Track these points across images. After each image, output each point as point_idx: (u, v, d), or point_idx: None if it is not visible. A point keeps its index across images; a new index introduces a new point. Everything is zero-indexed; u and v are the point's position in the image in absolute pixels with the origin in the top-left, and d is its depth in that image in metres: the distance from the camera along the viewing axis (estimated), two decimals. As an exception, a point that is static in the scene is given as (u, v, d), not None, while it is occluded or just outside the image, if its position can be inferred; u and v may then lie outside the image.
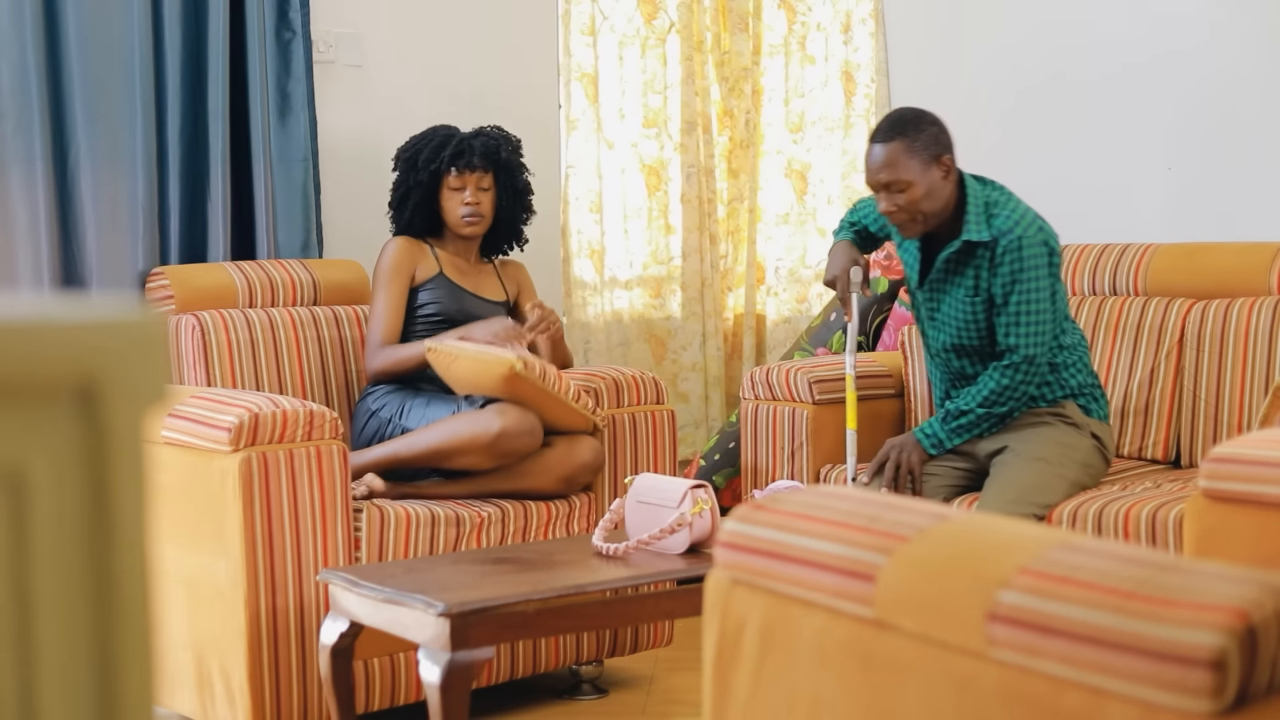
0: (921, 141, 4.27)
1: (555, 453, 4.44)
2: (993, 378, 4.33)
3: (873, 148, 4.31)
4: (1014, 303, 4.27)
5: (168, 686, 4.06)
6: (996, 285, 4.29)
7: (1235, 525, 2.86)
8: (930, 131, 4.30)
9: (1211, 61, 5.23)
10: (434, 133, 4.91)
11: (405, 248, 4.84)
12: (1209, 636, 1.53)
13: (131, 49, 4.85)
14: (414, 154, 4.87)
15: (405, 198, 4.89)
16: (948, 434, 4.37)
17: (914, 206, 4.26)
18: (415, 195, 4.86)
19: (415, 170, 4.85)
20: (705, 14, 6.43)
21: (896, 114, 4.38)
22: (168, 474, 3.94)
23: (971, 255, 4.34)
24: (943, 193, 4.29)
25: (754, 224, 6.55)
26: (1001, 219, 4.29)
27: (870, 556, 1.89)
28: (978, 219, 4.31)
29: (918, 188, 4.24)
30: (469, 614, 3.33)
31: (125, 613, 0.99)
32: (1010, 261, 4.25)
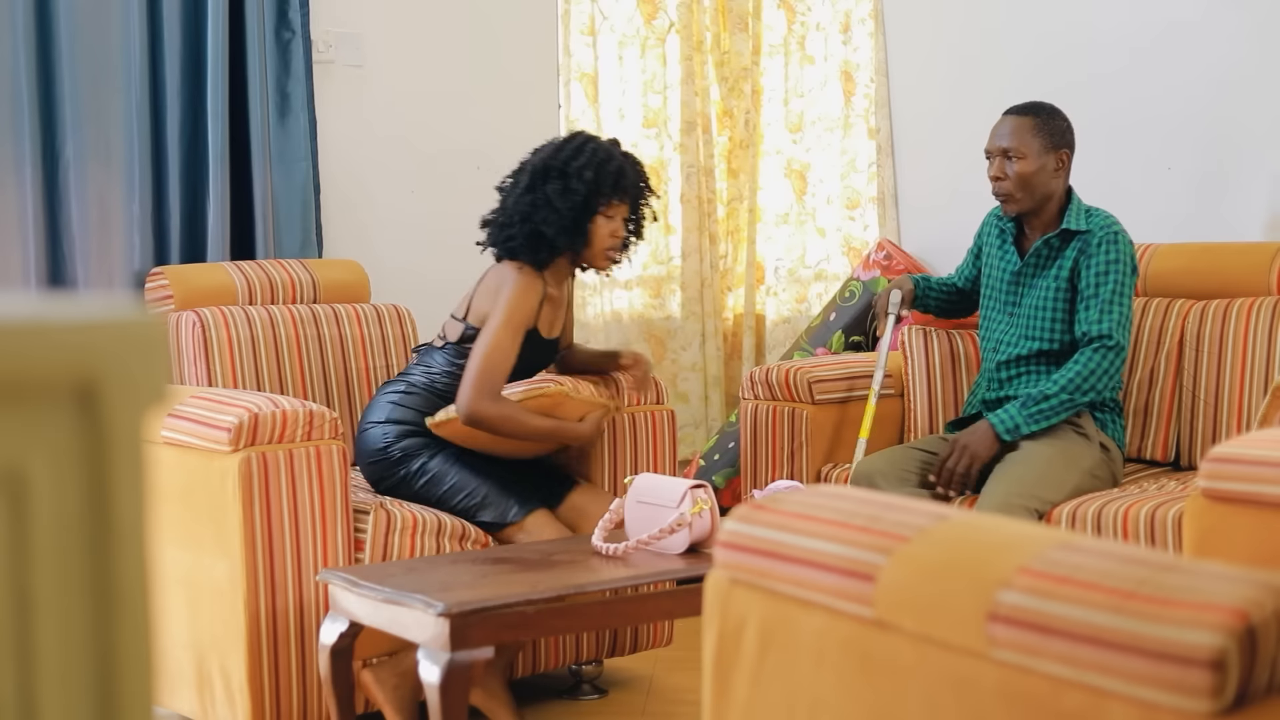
0: (1050, 127, 4.53)
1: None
2: (1079, 360, 4.38)
3: (1005, 117, 4.60)
4: (1107, 290, 4.41)
5: (167, 686, 4.06)
6: (1090, 273, 4.43)
7: (1235, 525, 2.86)
8: (1060, 125, 4.56)
9: (1212, 61, 5.23)
10: (602, 148, 4.34)
11: (541, 290, 4.32)
12: (1209, 636, 1.53)
13: (129, 49, 4.85)
14: (583, 185, 4.26)
15: (575, 222, 4.29)
16: (1026, 419, 4.37)
17: (1022, 180, 4.50)
18: (579, 218, 4.29)
19: (579, 203, 4.27)
20: (705, 14, 6.43)
21: (1036, 101, 4.64)
22: (167, 474, 3.94)
23: (1064, 246, 4.51)
24: (1050, 183, 4.53)
25: (753, 224, 6.55)
26: (1099, 217, 4.51)
27: (870, 556, 1.89)
28: (1077, 215, 4.52)
29: (1030, 163, 4.49)
30: (468, 614, 3.33)
31: (125, 613, 0.99)
32: (1106, 251, 4.42)
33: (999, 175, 4.52)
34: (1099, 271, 4.42)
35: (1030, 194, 4.51)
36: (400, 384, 4.39)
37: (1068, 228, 4.49)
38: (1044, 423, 4.36)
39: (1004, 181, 4.51)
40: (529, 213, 4.26)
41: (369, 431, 4.34)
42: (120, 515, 0.98)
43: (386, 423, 4.31)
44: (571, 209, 4.25)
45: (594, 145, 4.32)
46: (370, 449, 4.32)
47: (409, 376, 4.40)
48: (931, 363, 4.95)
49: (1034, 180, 4.49)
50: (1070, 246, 4.50)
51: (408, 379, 4.39)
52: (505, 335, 4.21)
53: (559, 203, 4.24)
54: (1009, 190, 4.51)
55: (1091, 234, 4.46)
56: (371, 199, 5.64)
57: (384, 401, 4.36)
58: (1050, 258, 4.54)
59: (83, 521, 0.97)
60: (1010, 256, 4.65)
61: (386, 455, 4.29)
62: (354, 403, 4.91)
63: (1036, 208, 4.55)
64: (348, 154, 5.54)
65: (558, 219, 4.25)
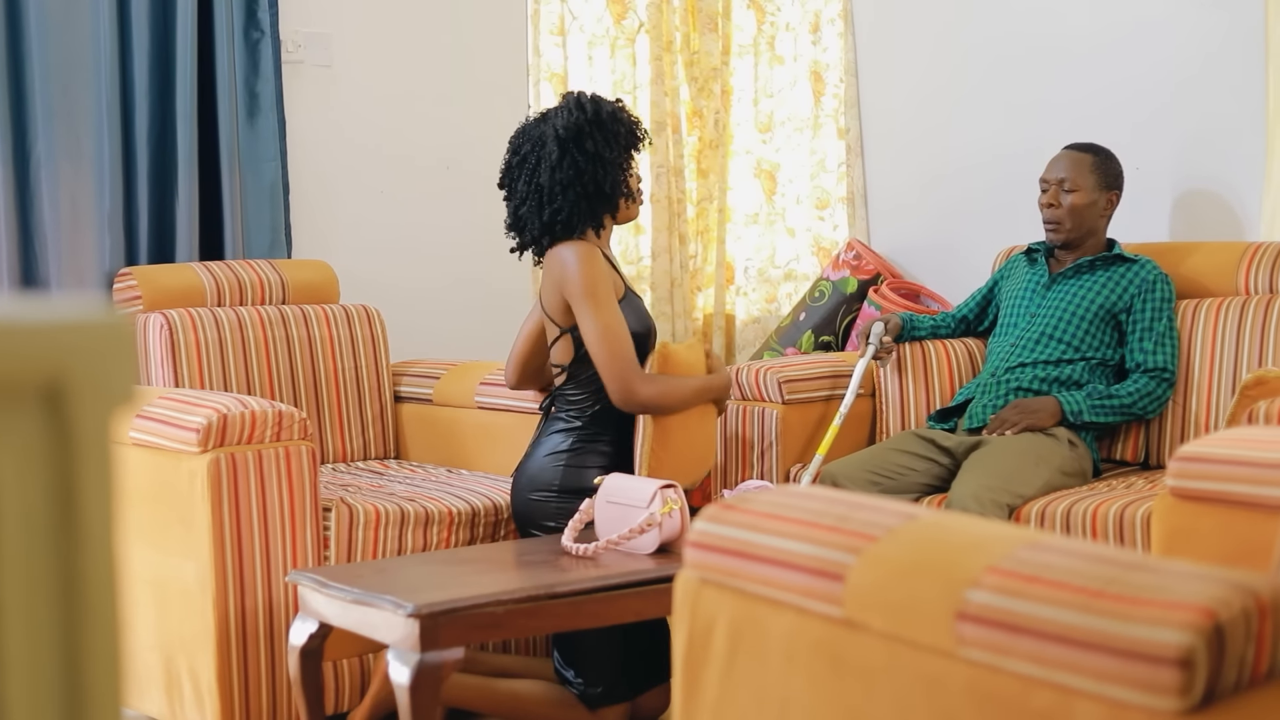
0: (1106, 168, 4.80)
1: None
2: (1139, 382, 4.61)
3: (1066, 152, 4.84)
4: (1162, 325, 4.64)
5: (136, 688, 4.05)
6: (1148, 307, 4.65)
7: (1203, 524, 2.87)
8: (1116, 168, 4.83)
9: (1179, 60, 5.25)
10: (605, 99, 4.27)
11: (600, 254, 4.16)
12: (1177, 635, 1.53)
13: (98, 49, 4.84)
14: (622, 126, 4.21)
15: (624, 169, 4.21)
16: (1090, 408, 4.55)
17: (1074, 211, 4.74)
18: (626, 164, 4.22)
19: (624, 146, 4.22)
20: (674, 14, 6.43)
21: (1095, 143, 4.87)
22: (135, 475, 3.93)
23: (1106, 268, 4.72)
24: (1097, 220, 4.79)
25: (723, 224, 6.55)
26: (1143, 259, 4.75)
27: (839, 556, 1.89)
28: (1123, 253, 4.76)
29: (1083, 196, 4.74)
30: (438, 614, 3.32)
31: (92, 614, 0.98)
32: (1161, 289, 4.66)
33: (1052, 203, 4.75)
34: (1155, 307, 4.64)
35: (1078, 226, 4.74)
36: (559, 433, 4.20)
37: (1119, 253, 4.73)
38: (1103, 417, 4.56)
39: (1056, 209, 4.74)
40: (573, 178, 4.12)
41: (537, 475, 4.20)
42: (88, 516, 0.97)
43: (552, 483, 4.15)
44: (619, 155, 4.17)
45: (598, 96, 4.24)
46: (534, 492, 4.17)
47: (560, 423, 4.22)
48: (903, 364, 4.96)
49: (1085, 214, 4.73)
50: (1118, 269, 4.71)
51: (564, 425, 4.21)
52: (606, 314, 4.04)
53: (608, 153, 4.15)
54: (1060, 218, 4.74)
55: (1144, 266, 4.69)
56: (340, 199, 5.62)
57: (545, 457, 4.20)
58: (1091, 270, 4.74)
59: (50, 523, 0.96)
60: (1040, 270, 4.84)
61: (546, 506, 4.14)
62: (322, 404, 4.90)
63: (1079, 241, 4.77)
64: (317, 154, 5.53)
65: (610, 170, 4.15)
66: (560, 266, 4.11)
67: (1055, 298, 4.73)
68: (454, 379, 5.01)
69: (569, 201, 4.12)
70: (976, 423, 4.63)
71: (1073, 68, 5.56)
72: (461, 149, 5.79)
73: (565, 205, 4.13)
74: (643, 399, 4.04)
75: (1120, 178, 4.80)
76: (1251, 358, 4.48)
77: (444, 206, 5.80)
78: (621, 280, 4.22)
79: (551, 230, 4.17)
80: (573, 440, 4.15)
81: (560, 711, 4.02)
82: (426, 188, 5.78)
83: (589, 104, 4.17)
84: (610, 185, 4.15)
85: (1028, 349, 4.68)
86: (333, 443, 4.96)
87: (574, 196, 4.12)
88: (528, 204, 4.19)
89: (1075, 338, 4.64)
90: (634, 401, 4.04)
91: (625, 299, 4.16)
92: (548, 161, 4.13)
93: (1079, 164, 4.75)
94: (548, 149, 4.14)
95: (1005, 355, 4.72)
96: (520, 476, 4.20)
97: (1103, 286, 4.68)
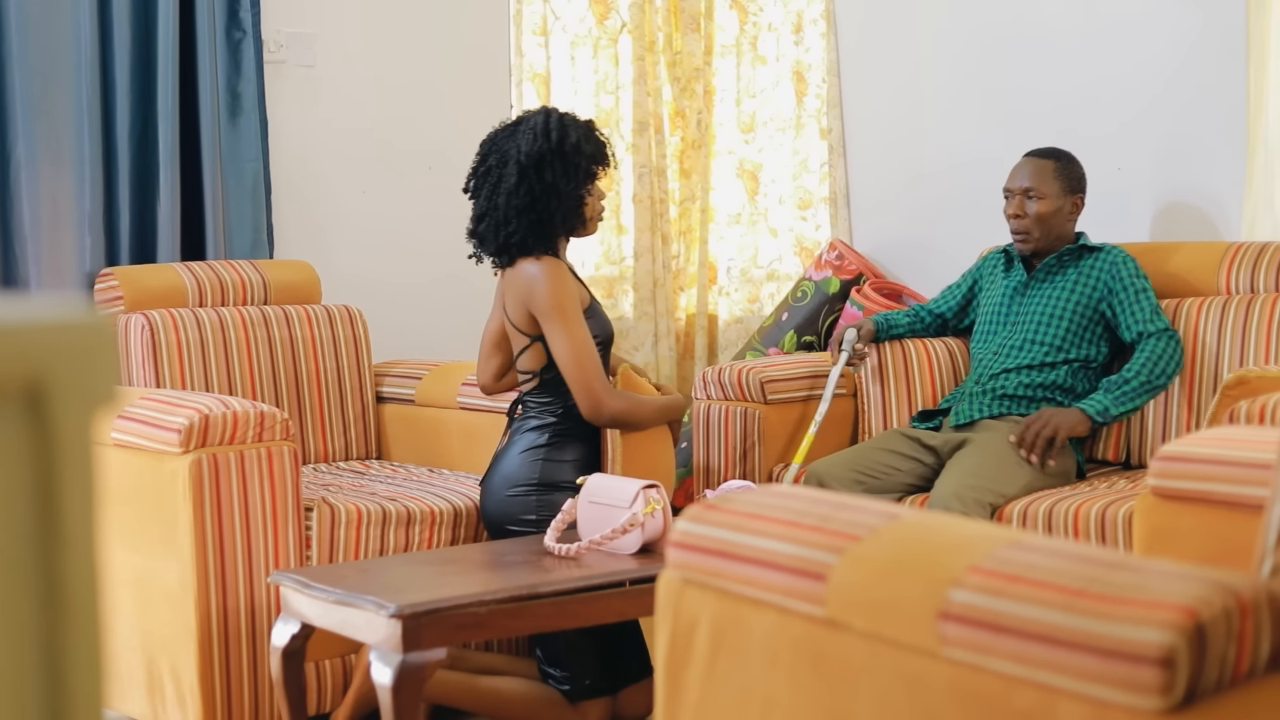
0: (1069, 172, 4.79)
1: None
2: (1148, 348, 4.53)
3: (1027, 160, 4.82)
4: (1148, 298, 4.61)
5: (118, 689, 4.04)
6: (1127, 285, 4.62)
7: (1184, 523, 2.88)
8: (1078, 171, 4.81)
9: (1161, 61, 5.26)
10: (577, 120, 4.28)
11: (565, 267, 4.22)
12: (1158, 634, 1.54)
13: (79, 49, 4.83)
14: (583, 159, 4.21)
15: (579, 199, 4.23)
16: (1113, 401, 4.48)
17: (1040, 219, 4.72)
18: (582, 194, 4.23)
19: (583, 178, 4.23)
20: (657, 14, 6.42)
21: (1056, 147, 4.87)
22: (117, 476, 3.92)
23: (1078, 260, 4.72)
24: (1064, 225, 4.77)
25: (706, 224, 6.55)
26: (1107, 246, 4.74)
27: (822, 556, 1.90)
28: (1087, 239, 4.77)
29: (1049, 203, 4.72)
30: (420, 615, 3.32)
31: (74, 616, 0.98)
32: (1129, 264, 4.66)
33: (1018, 213, 4.73)
34: (1132, 281, 4.63)
35: (1046, 234, 4.72)
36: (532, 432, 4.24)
37: (1085, 244, 4.72)
38: (1130, 403, 4.48)
39: (1023, 219, 4.73)
40: (528, 204, 4.16)
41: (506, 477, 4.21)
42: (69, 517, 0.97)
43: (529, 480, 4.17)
44: (575, 188, 4.20)
45: (571, 120, 4.25)
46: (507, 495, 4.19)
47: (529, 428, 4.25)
48: (884, 364, 4.96)
49: (1051, 221, 4.71)
50: (1085, 261, 4.71)
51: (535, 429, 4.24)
52: (575, 330, 4.11)
53: (564, 185, 4.17)
54: (1027, 227, 4.73)
55: (1108, 252, 4.69)
56: (323, 199, 5.62)
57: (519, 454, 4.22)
58: (1061, 268, 4.73)
59: (31, 524, 0.96)
60: (1017, 273, 4.82)
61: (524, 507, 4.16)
62: (304, 404, 4.90)
63: (1049, 248, 4.75)
64: (299, 154, 5.52)
65: (564, 202, 4.19)
66: (527, 283, 4.17)
67: (1033, 302, 4.73)
68: (436, 379, 5.01)
69: (522, 226, 4.17)
70: (962, 419, 4.63)
71: (1055, 68, 5.57)
72: (444, 149, 5.78)
73: (519, 229, 4.18)
74: (611, 412, 4.12)
75: (1083, 180, 4.80)
76: (1233, 357, 4.49)
77: (426, 206, 5.79)
78: (585, 289, 4.29)
79: (507, 250, 4.23)
80: (549, 435, 4.18)
81: (543, 709, 4.02)
82: (409, 188, 5.77)
83: (555, 130, 4.19)
84: (562, 216, 4.20)
85: (1011, 355, 4.68)
86: (314, 443, 4.95)
87: (527, 222, 4.17)
88: (485, 220, 4.24)
89: (1057, 339, 4.64)
90: (602, 415, 4.12)
91: (589, 308, 4.24)
92: (506, 183, 4.19)
93: (1042, 171, 4.74)
94: (508, 170, 4.19)
95: (989, 363, 4.72)
96: (493, 477, 4.21)
97: (1075, 283, 4.68)
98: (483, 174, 4.27)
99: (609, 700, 4.07)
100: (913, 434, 4.63)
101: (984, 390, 4.67)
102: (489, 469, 4.26)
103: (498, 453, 4.26)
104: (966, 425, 4.61)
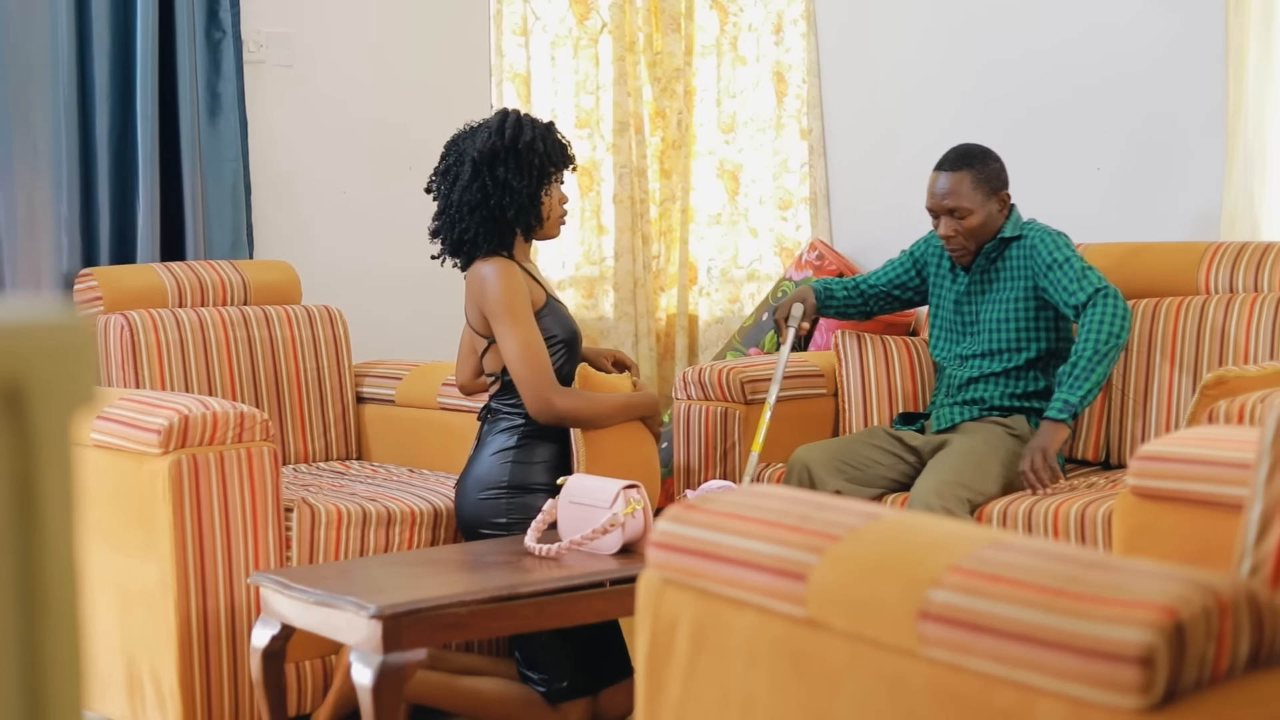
0: (987, 174, 4.56)
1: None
2: (1090, 316, 4.36)
3: (939, 175, 4.60)
4: (1073, 265, 4.44)
5: (98, 690, 4.03)
6: (1047, 266, 4.48)
7: (1163, 523, 2.88)
8: (994, 167, 4.59)
9: (1141, 62, 5.27)
10: (537, 121, 4.28)
11: (518, 269, 4.22)
12: (1138, 633, 1.54)
13: (58, 49, 4.82)
14: (537, 157, 4.21)
15: (532, 198, 4.22)
16: (1069, 389, 4.35)
17: (971, 233, 4.56)
18: (535, 194, 4.22)
19: (536, 176, 4.22)
20: (637, 14, 6.43)
21: (964, 147, 4.64)
22: (96, 477, 3.91)
23: (1003, 255, 4.60)
24: (995, 225, 4.60)
25: (686, 224, 6.55)
26: (1025, 222, 4.61)
27: (802, 556, 1.90)
28: (1013, 225, 4.61)
29: (977, 216, 4.54)
30: (401, 616, 3.32)
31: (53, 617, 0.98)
32: (1048, 243, 4.51)
33: (949, 234, 4.57)
34: (1054, 259, 4.47)
35: (981, 241, 4.59)
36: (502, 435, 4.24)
37: (1003, 235, 4.58)
38: (1085, 384, 4.32)
39: (955, 238, 4.58)
40: (480, 201, 4.18)
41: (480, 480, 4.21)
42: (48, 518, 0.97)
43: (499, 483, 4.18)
44: (528, 186, 4.20)
45: (529, 120, 4.27)
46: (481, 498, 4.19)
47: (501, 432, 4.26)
48: (866, 363, 4.96)
49: (984, 229, 4.57)
50: (1009, 254, 4.60)
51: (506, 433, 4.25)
52: (522, 330, 4.12)
53: (516, 182, 4.18)
54: (961, 244, 4.59)
55: (1026, 238, 4.55)
56: (303, 200, 5.61)
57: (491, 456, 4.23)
58: (993, 266, 4.63)
59: (10, 525, 0.96)
60: (959, 277, 4.73)
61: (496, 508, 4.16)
62: (284, 405, 4.89)
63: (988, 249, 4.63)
64: (279, 154, 5.52)
65: (516, 199, 4.18)
66: (480, 284, 4.19)
67: (979, 307, 4.66)
68: (416, 380, 5.01)
69: (475, 223, 4.19)
70: (944, 424, 4.64)
71: (1034, 69, 5.58)
72: (423, 149, 5.75)
73: (472, 226, 4.19)
74: (559, 411, 4.10)
75: (1002, 174, 4.59)
76: (1212, 357, 4.50)
77: (406, 207, 5.78)
78: (542, 289, 4.28)
79: (460, 249, 4.25)
80: (518, 437, 4.18)
81: (523, 710, 4.02)
82: (389, 188, 5.77)
83: (510, 128, 4.22)
84: (514, 213, 4.19)
85: (977, 366, 4.65)
86: (294, 443, 4.95)
87: (479, 219, 4.19)
88: (443, 218, 4.27)
89: (1012, 341, 4.59)
90: (551, 413, 4.10)
91: (546, 307, 4.23)
92: (461, 180, 4.21)
93: (959, 186, 4.54)
94: (464, 167, 4.22)
95: (955, 374, 4.69)
96: (466, 480, 4.22)
97: (1010, 277, 4.59)
98: (442, 173, 4.30)
99: (589, 701, 4.06)
100: (896, 434, 4.63)
101: (957, 402, 4.66)
102: (462, 472, 4.26)
103: (470, 456, 4.27)
104: (948, 429, 4.62)
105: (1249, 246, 4.60)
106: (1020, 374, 4.60)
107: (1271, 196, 4.88)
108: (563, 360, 4.22)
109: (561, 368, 4.20)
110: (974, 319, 4.68)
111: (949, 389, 4.69)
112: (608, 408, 4.20)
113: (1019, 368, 4.59)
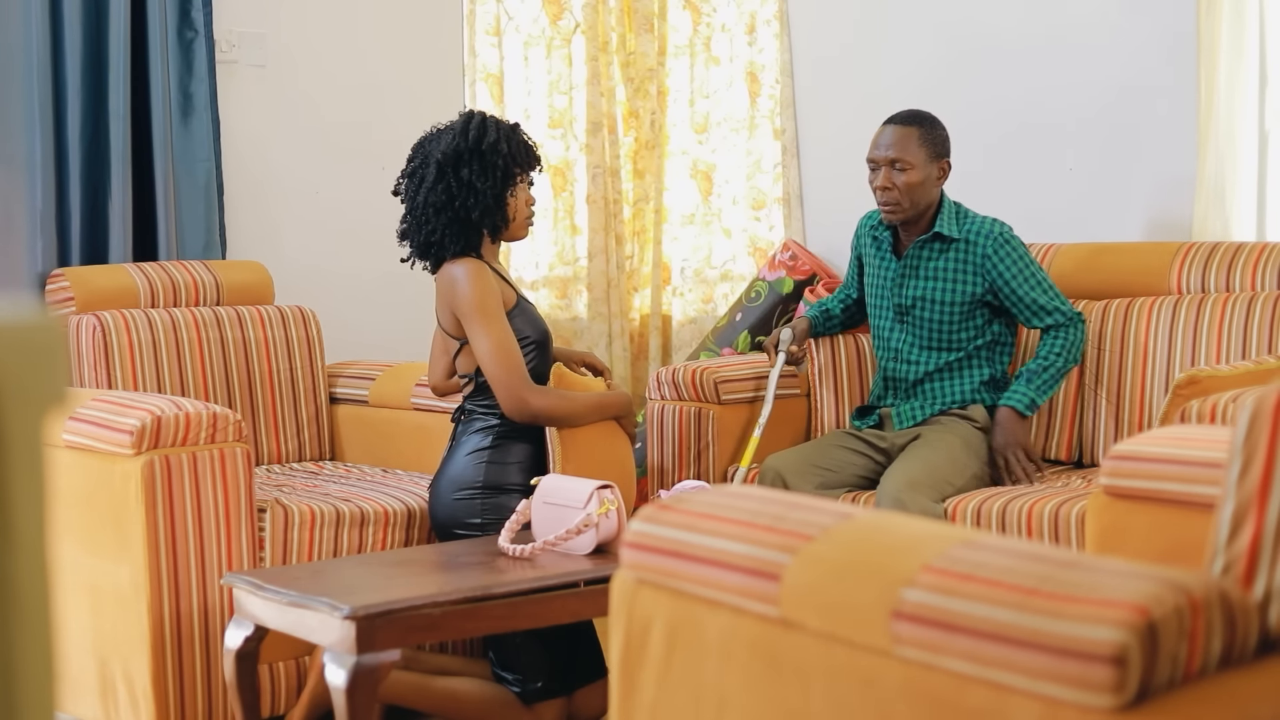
0: (934, 137, 4.63)
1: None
2: (1060, 337, 4.55)
3: (888, 127, 4.66)
4: (1036, 283, 4.56)
5: (70, 692, 4.02)
6: (1009, 280, 4.56)
7: (1136, 522, 2.89)
8: (941, 134, 4.66)
9: (1113, 63, 5.28)
10: (503, 123, 4.28)
11: (487, 269, 4.22)
12: (1110, 632, 1.54)
13: (30, 49, 4.80)
14: (501, 159, 4.21)
15: (497, 199, 4.21)
16: (1037, 390, 4.52)
17: (908, 189, 4.57)
18: (500, 195, 4.22)
19: (500, 178, 4.22)
20: (610, 15, 6.42)
21: (916, 110, 4.71)
22: (69, 478, 3.90)
23: (942, 253, 4.61)
24: (932, 191, 4.62)
25: (660, 224, 6.55)
26: (976, 223, 4.62)
27: (775, 556, 1.90)
28: (949, 218, 4.62)
29: (916, 173, 4.57)
30: (375, 616, 3.31)
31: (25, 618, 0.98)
32: (1007, 254, 4.56)
33: (887, 185, 4.58)
34: (1016, 274, 4.55)
35: (915, 203, 4.59)
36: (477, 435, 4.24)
37: (940, 232, 4.59)
38: (1050, 390, 4.53)
39: (892, 191, 4.58)
40: (445, 202, 4.18)
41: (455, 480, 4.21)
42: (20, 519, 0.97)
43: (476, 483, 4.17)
44: (493, 187, 4.20)
45: (494, 121, 4.28)
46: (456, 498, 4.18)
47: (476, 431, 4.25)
48: (838, 363, 4.98)
49: (920, 190, 4.58)
50: (949, 254, 4.61)
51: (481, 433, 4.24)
52: (495, 329, 4.12)
53: (480, 183, 4.18)
54: (896, 199, 4.59)
55: (975, 244, 4.58)
56: (275, 200, 5.60)
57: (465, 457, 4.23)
58: (928, 261, 4.64)
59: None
60: (889, 262, 4.74)
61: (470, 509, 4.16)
62: (257, 405, 4.88)
63: (918, 216, 4.64)
64: (251, 154, 5.50)
65: (480, 200, 4.19)
66: (450, 285, 4.20)
67: (916, 308, 4.66)
68: (389, 380, 5.00)
69: (441, 225, 4.20)
70: (906, 423, 4.65)
71: (1008, 70, 5.59)
72: (397, 149, 5.71)
73: (438, 228, 4.21)
74: (535, 409, 4.11)
75: (947, 143, 4.65)
76: (1184, 357, 4.52)
77: (379, 207, 5.76)
78: (512, 289, 4.28)
79: (428, 251, 4.25)
80: (493, 437, 4.19)
81: (497, 710, 4.02)
82: (362, 188, 5.75)
83: (475, 129, 4.23)
84: (479, 214, 4.20)
85: (919, 362, 4.66)
86: (267, 444, 4.94)
87: (445, 221, 4.20)
88: (409, 220, 4.28)
89: (954, 337, 4.63)
90: (526, 412, 4.11)
91: (517, 307, 4.24)
92: (426, 182, 4.23)
93: (906, 139, 4.58)
94: (429, 169, 4.23)
95: (900, 369, 4.69)
96: (440, 481, 4.21)
97: (953, 277, 4.60)
98: (408, 175, 4.31)
99: (564, 701, 4.06)
100: (861, 434, 4.65)
101: (914, 400, 4.67)
102: (436, 473, 4.26)
103: (444, 456, 4.27)
104: (911, 426, 4.63)
105: (1220, 247, 4.62)
106: (968, 365, 4.62)
107: (1243, 197, 4.90)
108: (535, 360, 4.22)
109: (535, 368, 4.20)
110: (911, 306, 4.68)
111: (904, 388, 4.70)
112: (583, 406, 4.20)
113: (967, 357, 4.62)
